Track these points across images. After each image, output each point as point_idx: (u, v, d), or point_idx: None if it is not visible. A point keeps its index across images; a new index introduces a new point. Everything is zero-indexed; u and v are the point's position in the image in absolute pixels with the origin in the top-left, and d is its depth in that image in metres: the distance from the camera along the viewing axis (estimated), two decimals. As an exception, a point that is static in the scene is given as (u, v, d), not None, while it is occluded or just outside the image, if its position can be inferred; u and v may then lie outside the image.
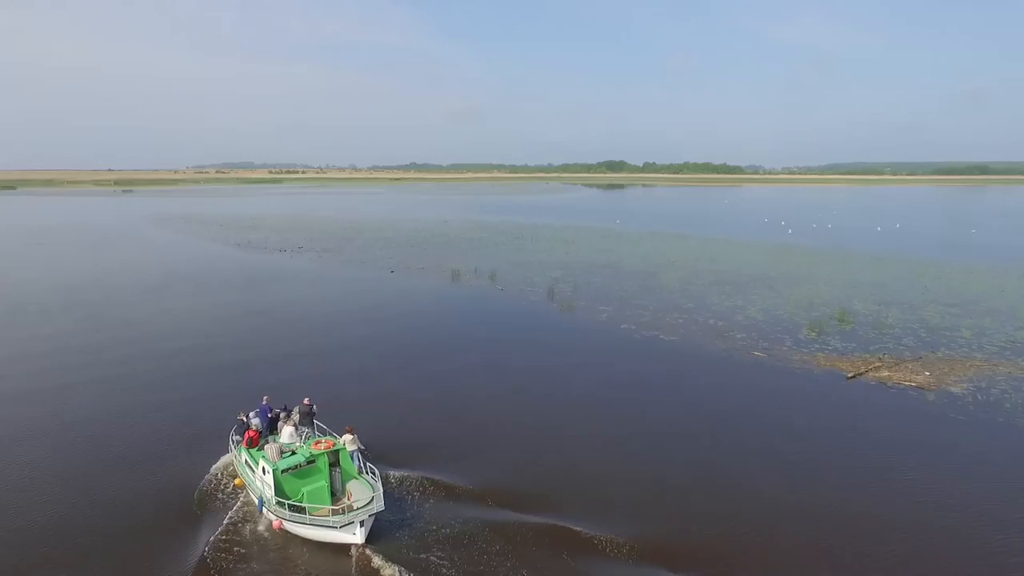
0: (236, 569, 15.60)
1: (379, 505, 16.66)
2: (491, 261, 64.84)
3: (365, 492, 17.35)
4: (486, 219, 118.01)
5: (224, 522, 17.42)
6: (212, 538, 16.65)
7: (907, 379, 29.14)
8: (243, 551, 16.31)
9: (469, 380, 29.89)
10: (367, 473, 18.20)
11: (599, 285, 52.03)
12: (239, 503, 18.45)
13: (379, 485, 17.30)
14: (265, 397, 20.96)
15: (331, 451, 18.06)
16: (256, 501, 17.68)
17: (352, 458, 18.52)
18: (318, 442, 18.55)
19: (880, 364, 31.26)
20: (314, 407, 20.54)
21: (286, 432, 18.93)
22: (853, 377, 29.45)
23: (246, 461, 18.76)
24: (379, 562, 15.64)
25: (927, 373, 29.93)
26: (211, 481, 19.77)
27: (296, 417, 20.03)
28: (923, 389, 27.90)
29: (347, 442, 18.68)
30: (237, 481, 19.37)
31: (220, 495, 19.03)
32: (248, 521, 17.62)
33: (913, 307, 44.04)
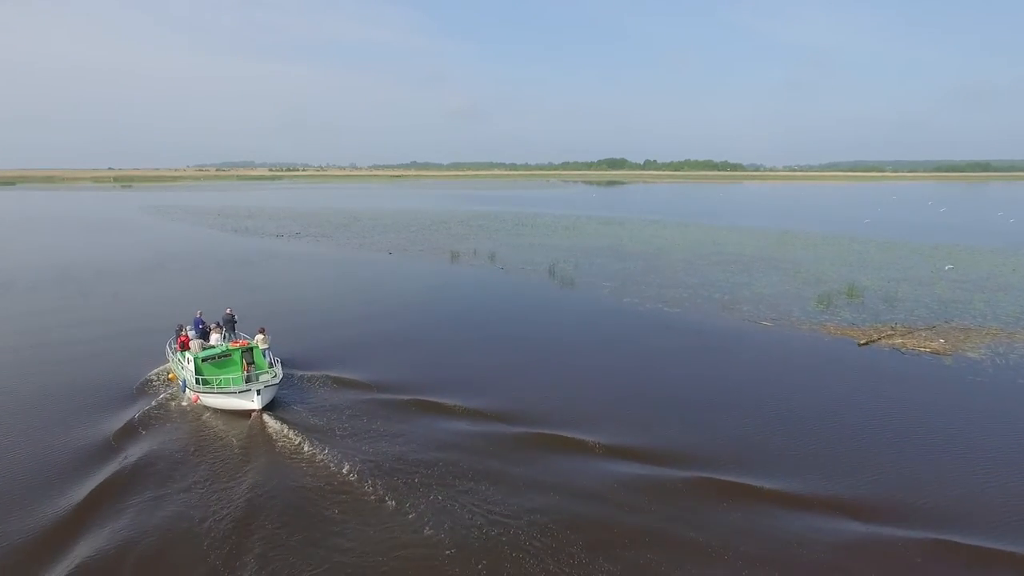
0: (157, 429, 19.64)
1: (275, 379, 20.85)
2: (491, 244, 63.75)
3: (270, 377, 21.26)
4: (486, 209, 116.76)
5: (154, 401, 21.63)
6: (143, 409, 20.88)
7: (921, 345, 28.03)
8: (165, 418, 20.52)
9: (418, 319, 34.29)
10: (275, 364, 22.04)
11: (601, 264, 50.95)
12: (169, 391, 22.54)
13: (279, 367, 21.70)
14: (199, 311, 25.01)
15: (245, 348, 22.00)
16: (181, 385, 21.88)
17: (264, 355, 22.41)
18: (235, 341, 23.27)
19: (893, 332, 30.16)
20: (235, 316, 24.99)
21: (213, 337, 23.44)
22: (865, 344, 28.35)
23: (177, 359, 22.84)
24: (273, 423, 19.60)
25: (942, 340, 28.83)
26: (150, 378, 23.94)
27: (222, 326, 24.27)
28: (939, 355, 26.80)
29: (259, 341, 22.88)
30: (171, 376, 23.41)
31: (155, 386, 23.23)
32: (173, 401, 21.81)
33: (923, 283, 42.91)
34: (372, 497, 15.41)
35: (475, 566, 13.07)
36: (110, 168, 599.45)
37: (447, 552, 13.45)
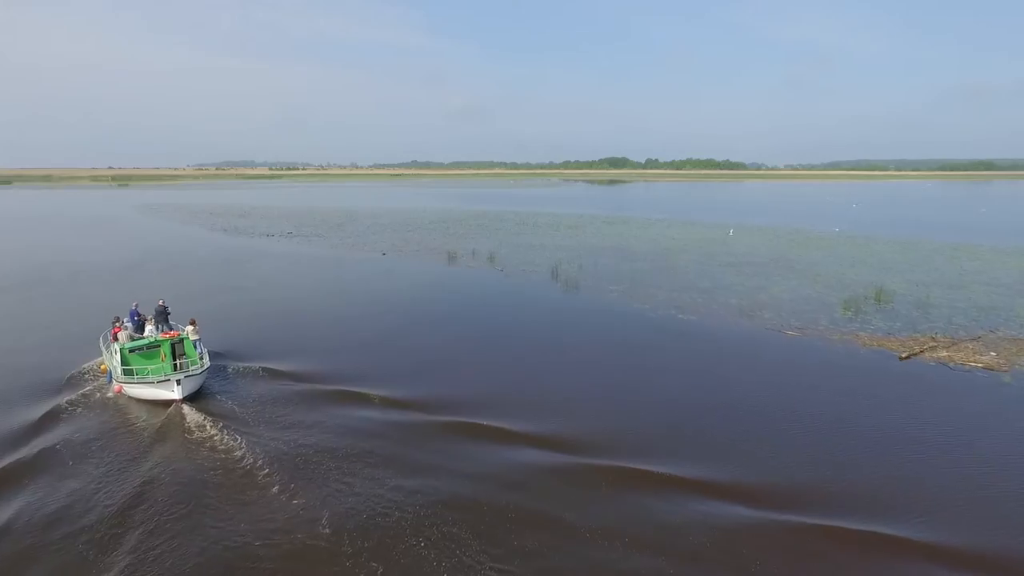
0: (73, 419, 19.35)
1: (196, 369, 20.66)
2: (491, 244, 60.71)
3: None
4: (487, 208, 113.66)
5: (77, 393, 21.31)
6: (63, 400, 20.62)
7: (971, 359, 24.99)
8: (85, 408, 20.24)
9: (391, 319, 32.54)
10: (204, 356, 21.83)
11: (606, 265, 47.93)
12: (96, 383, 22.15)
13: (207, 358, 21.62)
14: (135, 303, 24.65)
15: (176, 340, 22.09)
16: (108, 376, 21.58)
17: (195, 346, 22.25)
18: (166, 332, 23.00)
19: (935, 343, 27.12)
20: (168, 308, 24.40)
21: (147, 329, 23.13)
22: (907, 357, 25.31)
23: (110, 351, 22.29)
24: (192, 413, 19.38)
25: (993, 353, 25.78)
26: (82, 370, 23.52)
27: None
28: (993, 370, 23.75)
29: (189, 332, 22.68)
30: (103, 367, 22.88)
31: (85, 378, 22.80)
32: (100, 391, 21.50)
33: (954, 286, 39.84)
34: (270, 484, 15.37)
35: (362, 548, 13.01)
36: (110, 167, 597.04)
37: (334, 536, 13.40)
